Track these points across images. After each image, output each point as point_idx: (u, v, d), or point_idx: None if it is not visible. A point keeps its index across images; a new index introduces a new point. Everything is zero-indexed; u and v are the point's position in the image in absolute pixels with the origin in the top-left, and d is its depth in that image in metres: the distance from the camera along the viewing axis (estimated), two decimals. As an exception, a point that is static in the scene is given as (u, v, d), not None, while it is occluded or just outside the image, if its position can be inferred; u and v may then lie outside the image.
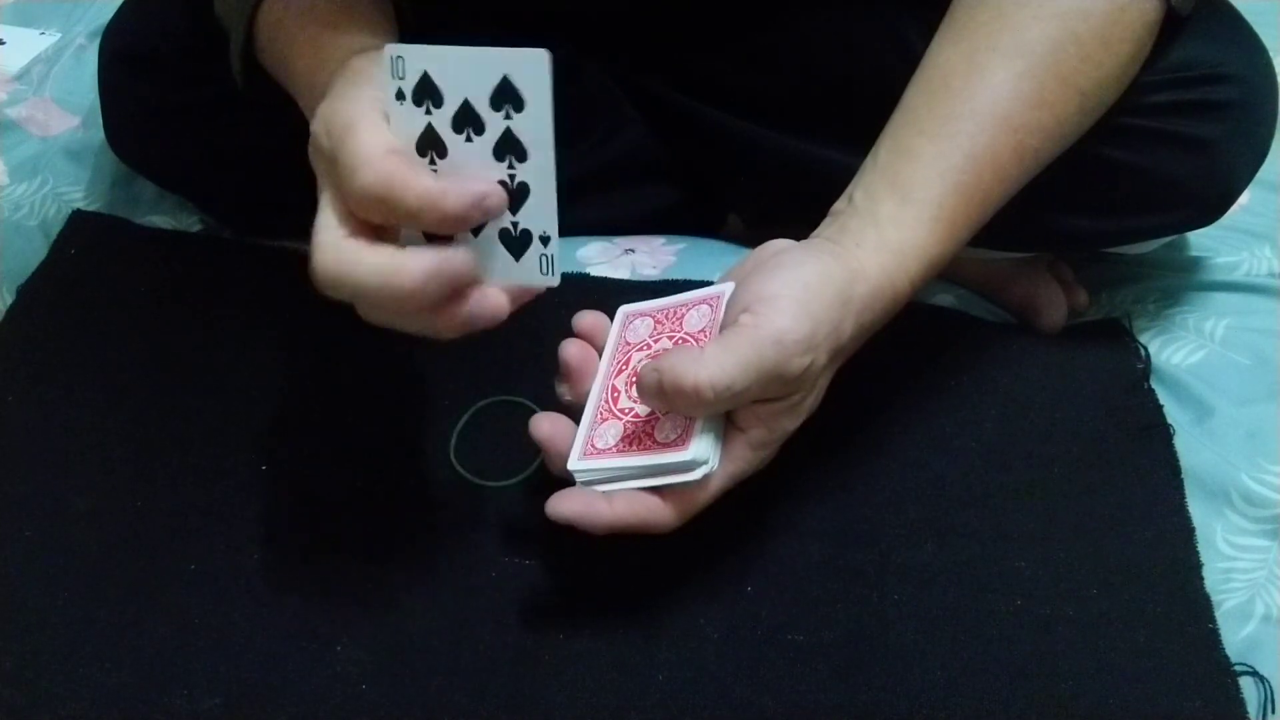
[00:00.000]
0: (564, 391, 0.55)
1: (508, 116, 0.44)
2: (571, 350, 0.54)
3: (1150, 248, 0.73)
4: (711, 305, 0.53)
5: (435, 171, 0.46)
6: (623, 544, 0.59)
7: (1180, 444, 0.64)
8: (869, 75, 0.58)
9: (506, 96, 0.44)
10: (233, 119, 0.69)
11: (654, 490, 0.49)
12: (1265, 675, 0.54)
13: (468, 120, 0.45)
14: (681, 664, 0.54)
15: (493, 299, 0.46)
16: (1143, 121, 0.60)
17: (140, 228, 0.76)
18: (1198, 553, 0.59)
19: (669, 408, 0.48)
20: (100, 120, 0.75)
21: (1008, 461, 0.63)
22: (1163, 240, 0.72)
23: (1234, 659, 0.55)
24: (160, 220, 0.78)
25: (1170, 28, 0.57)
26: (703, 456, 0.48)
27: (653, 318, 0.55)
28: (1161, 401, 0.66)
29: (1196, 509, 0.61)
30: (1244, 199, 0.82)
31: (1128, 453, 0.64)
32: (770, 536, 0.59)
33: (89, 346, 0.68)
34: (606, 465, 0.50)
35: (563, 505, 0.50)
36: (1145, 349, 0.70)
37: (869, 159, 0.54)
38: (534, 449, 0.63)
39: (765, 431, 0.50)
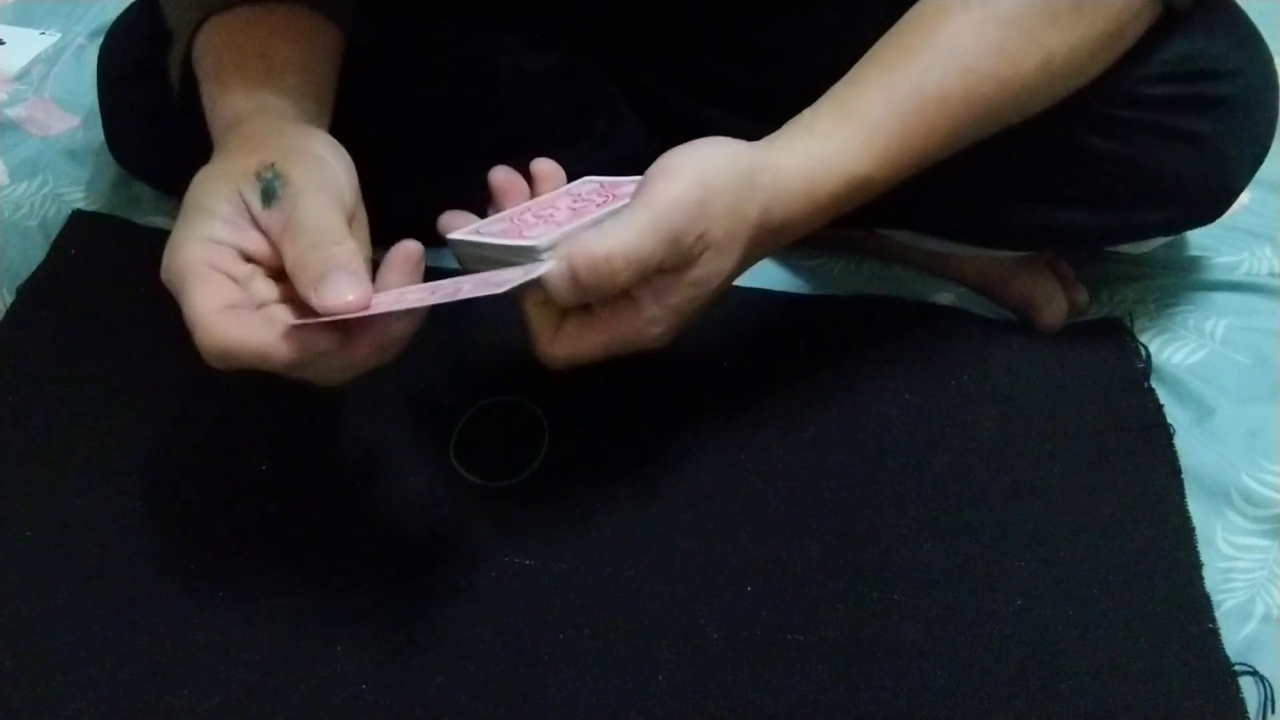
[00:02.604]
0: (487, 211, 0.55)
1: None
2: (498, 176, 0.55)
3: (1150, 246, 0.73)
4: (598, 182, 0.54)
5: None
6: (624, 544, 0.59)
7: (1180, 444, 0.64)
8: None
9: None
10: None
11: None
12: (1265, 675, 0.54)
13: None
14: (681, 664, 0.54)
15: (399, 329, 0.48)
16: (1139, 114, 0.60)
17: (140, 228, 0.76)
18: (1198, 553, 0.59)
19: (587, 297, 0.48)
20: (99, 120, 0.75)
21: (1008, 461, 0.63)
22: (1163, 239, 0.72)
23: (1234, 659, 0.55)
24: (160, 220, 0.77)
25: (1169, 23, 0.57)
26: (545, 245, 0.48)
27: (599, 183, 0.56)
28: (1162, 401, 0.67)
29: (1196, 509, 0.61)
30: (1244, 199, 0.82)
31: (1128, 452, 0.64)
32: (770, 536, 0.59)
33: (89, 346, 0.68)
34: (468, 239, 0.52)
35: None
36: (1146, 349, 0.70)
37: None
38: (534, 449, 0.63)
39: (655, 306, 0.50)
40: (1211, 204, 0.65)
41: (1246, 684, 0.54)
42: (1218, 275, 0.76)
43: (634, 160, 0.77)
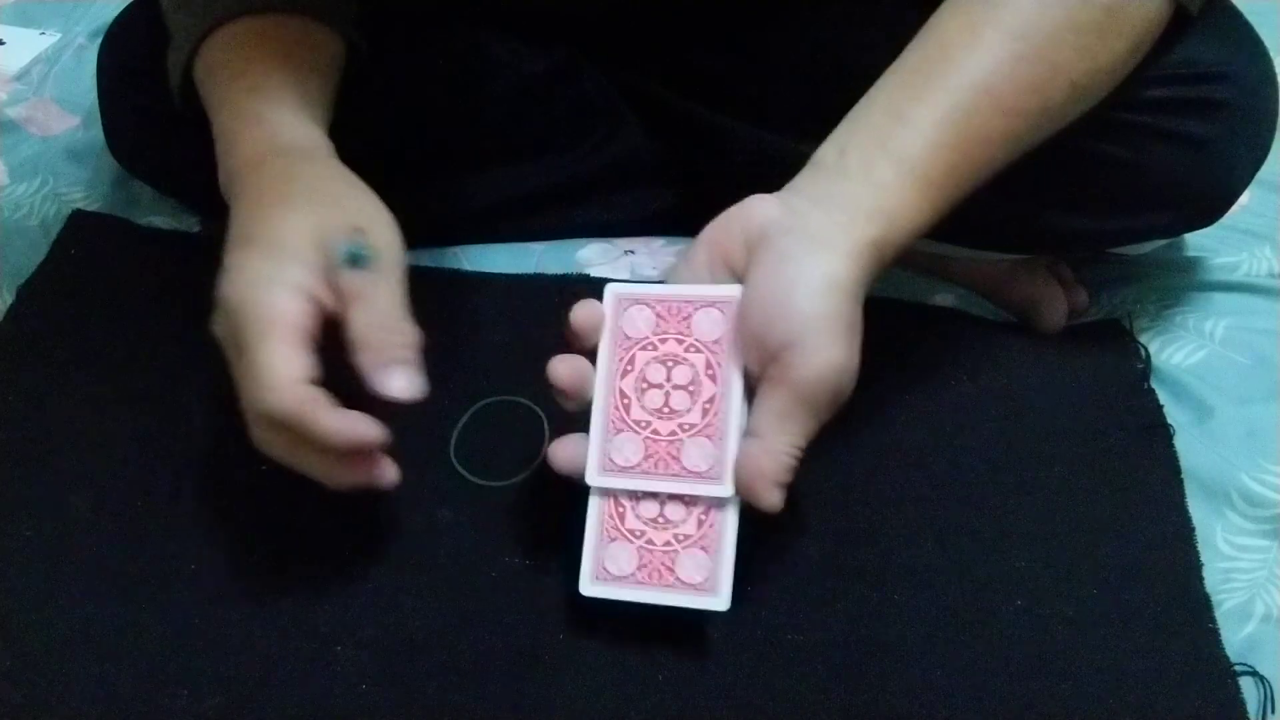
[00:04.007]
0: (567, 406, 0.54)
1: None
2: (561, 371, 0.52)
3: (1150, 248, 0.73)
4: (722, 311, 0.51)
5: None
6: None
7: (1180, 444, 0.64)
8: (869, 76, 0.58)
9: None
10: None
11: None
12: (1265, 675, 0.54)
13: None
14: (681, 664, 0.54)
15: (390, 474, 0.52)
16: (1139, 118, 0.60)
17: (140, 228, 0.76)
18: (1198, 553, 0.59)
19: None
20: (99, 120, 0.75)
21: (1008, 461, 0.63)
22: (1162, 241, 0.72)
23: (1234, 659, 0.55)
24: (160, 220, 0.78)
25: (1178, 28, 0.57)
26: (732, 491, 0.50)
27: (652, 309, 0.53)
28: (1162, 401, 0.66)
29: (1196, 509, 0.61)
30: (1244, 199, 0.82)
31: (1128, 453, 0.64)
32: (770, 536, 0.59)
33: (89, 346, 0.68)
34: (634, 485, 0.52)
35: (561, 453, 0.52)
36: (1145, 349, 0.70)
37: (860, 114, 0.53)
38: (534, 449, 0.63)
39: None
40: (1211, 207, 0.65)
41: (1246, 684, 0.54)
42: (1217, 275, 0.76)
43: (633, 162, 0.78)
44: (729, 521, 0.50)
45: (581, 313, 0.53)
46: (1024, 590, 0.57)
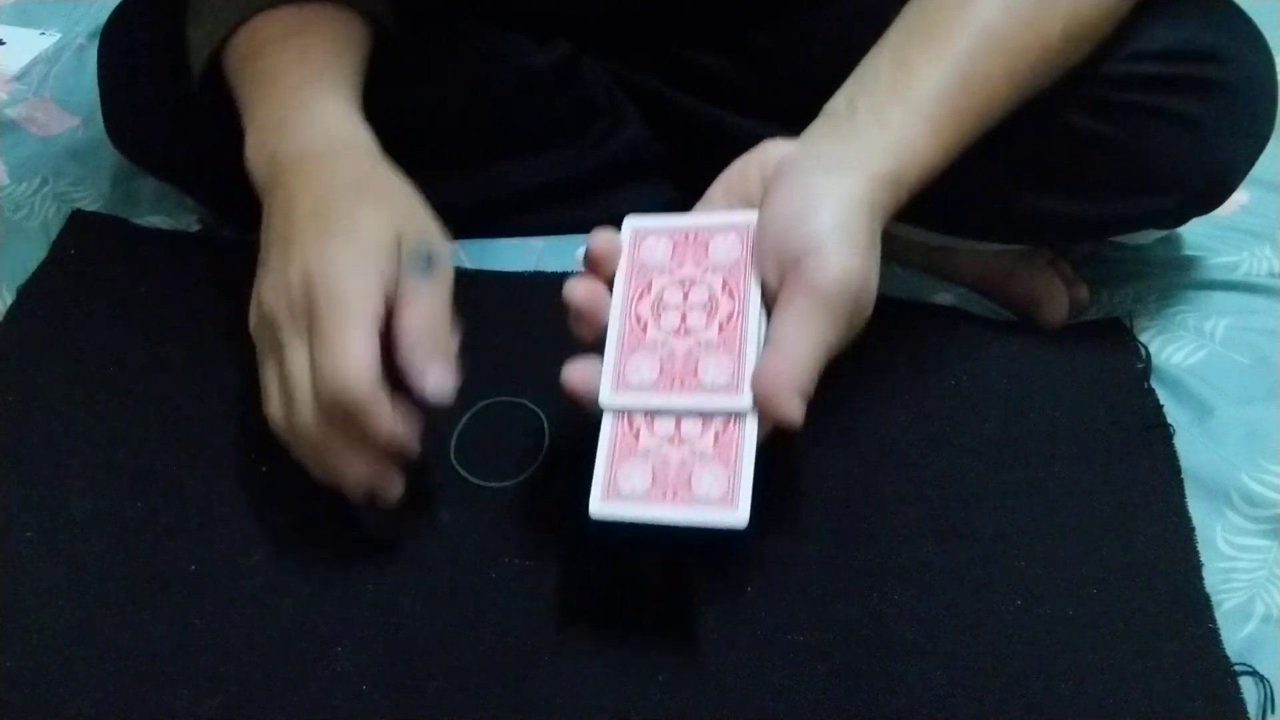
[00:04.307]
0: (581, 332, 0.52)
1: None
2: (578, 292, 0.51)
3: (1149, 238, 0.72)
4: (740, 235, 0.50)
5: None
6: (624, 544, 0.59)
7: (1180, 444, 0.64)
8: None
9: None
10: (231, 111, 0.70)
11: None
12: (1265, 675, 0.54)
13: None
14: (681, 664, 0.54)
15: (397, 488, 0.53)
16: (1131, 96, 0.60)
17: (140, 228, 0.76)
18: (1198, 553, 0.59)
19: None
20: (99, 120, 0.75)
21: (1008, 461, 0.63)
22: (1161, 233, 0.72)
23: (1234, 659, 0.55)
24: (160, 220, 0.78)
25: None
26: (750, 403, 0.47)
27: (670, 238, 0.52)
28: (1162, 401, 0.66)
29: (1196, 509, 0.61)
30: (1243, 199, 0.82)
31: (1128, 453, 0.64)
32: (770, 536, 0.59)
33: (89, 346, 0.68)
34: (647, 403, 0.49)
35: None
36: (1146, 348, 0.70)
37: (867, 66, 0.55)
38: (534, 449, 0.63)
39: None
40: (1208, 193, 0.64)
41: (1246, 684, 0.54)
42: (1217, 275, 0.76)
43: (635, 158, 0.78)
44: (748, 435, 0.47)
45: (599, 240, 0.53)
46: (1024, 590, 0.57)
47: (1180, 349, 0.70)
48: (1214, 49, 0.60)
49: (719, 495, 0.47)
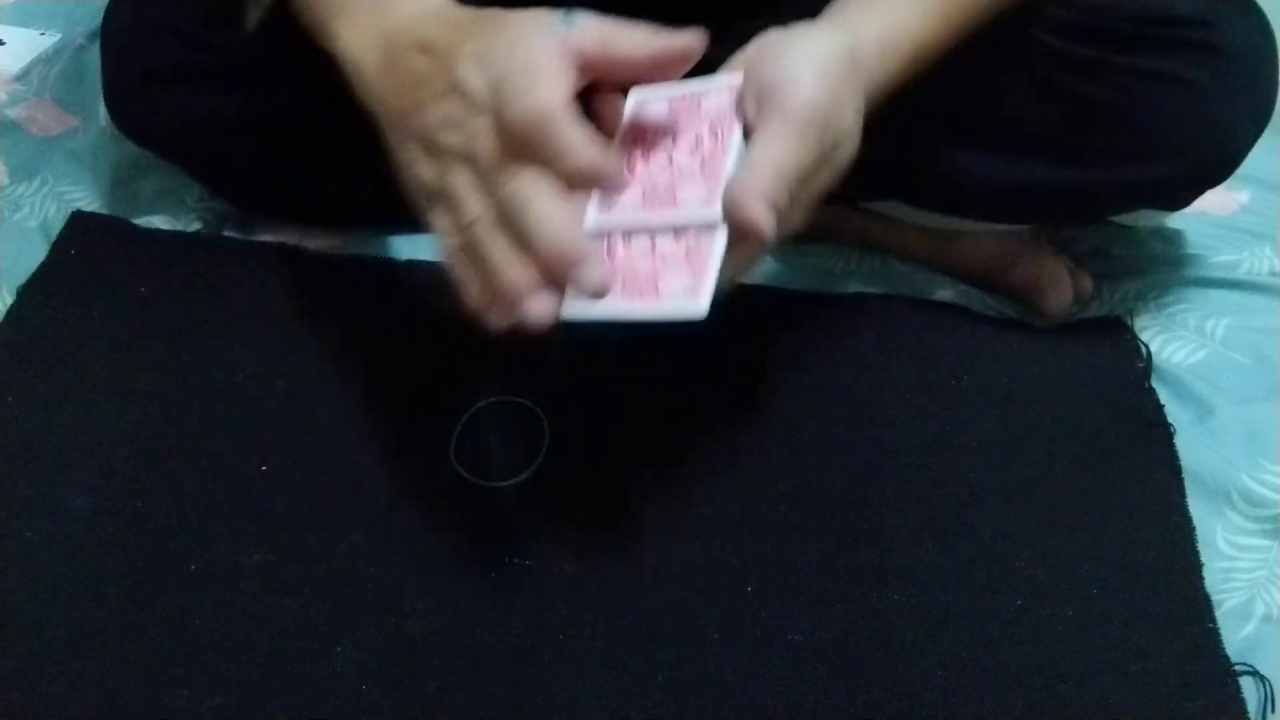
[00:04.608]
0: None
1: None
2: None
3: (1152, 220, 0.72)
4: (731, 91, 0.52)
5: None
6: (624, 544, 0.59)
7: (1181, 443, 0.64)
8: None
9: None
10: (233, 84, 0.70)
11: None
12: (1265, 675, 0.54)
13: None
14: (681, 664, 0.54)
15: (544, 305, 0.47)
16: (1124, 59, 0.60)
17: (140, 228, 0.76)
18: (1198, 553, 0.59)
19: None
20: (100, 120, 0.75)
21: (1008, 461, 0.63)
22: (1164, 215, 0.71)
23: (1234, 659, 0.55)
24: (160, 220, 0.77)
25: None
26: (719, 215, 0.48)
27: (668, 102, 0.54)
28: (1162, 401, 0.67)
29: (1197, 508, 0.61)
30: (1244, 198, 0.82)
31: (1128, 452, 0.64)
32: (770, 536, 0.59)
33: (89, 346, 0.68)
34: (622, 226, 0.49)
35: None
36: (1146, 347, 0.70)
37: None
38: (534, 449, 0.63)
39: (804, 194, 0.50)
40: (1212, 163, 0.64)
41: (1246, 684, 0.54)
42: (1218, 274, 0.76)
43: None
44: (716, 241, 0.48)
45: (606, 99, 0.53)
46: (1024, 590, 0.57)
47: (1181, 348, 0.70)
48: (1204, 14, 0.60)
49: (681, 291, 0.48)
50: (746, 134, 0.50)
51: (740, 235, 0.47)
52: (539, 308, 0.47)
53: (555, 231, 0.46)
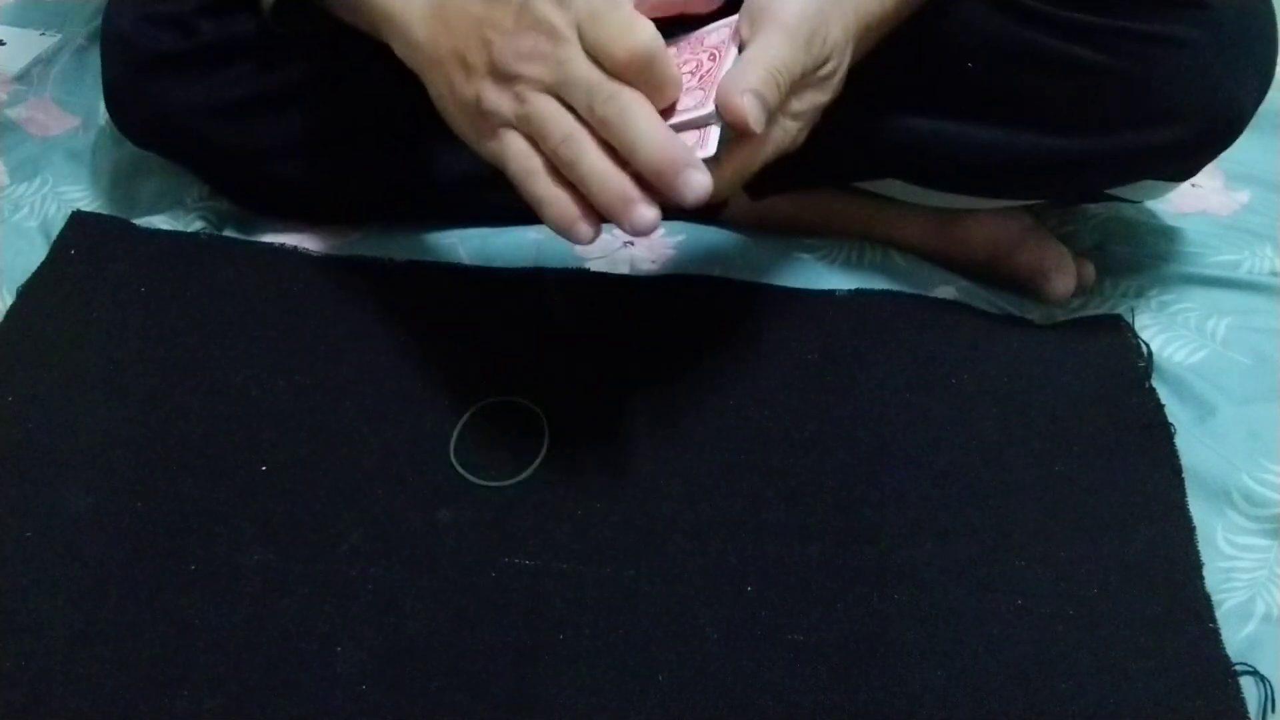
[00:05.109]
0: None
1: None
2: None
3: (1155, 192, 0.71)
4: (731, 26, 0.55)
5: None
6: (624, 544, 0.59)
7: (1181, 443, 0.64)
8: (866, 67, 0.58)
9: None
10: (232, 68, 0.70)
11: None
12: (1265, 675, 0.54)
13: None
14: (681, 664, 0.54)
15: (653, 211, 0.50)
16: (1118, 21, 0.60)
17: (140, 228, 0.76)
18: (1198, 552, 0.59)
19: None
20: (99, 120, 0.75)
21: (1008, 461, 0.63)
22: (1166, 187, 0.71)
23: (1234, 659, 0.55)
24: (160, 220, 0.77)
25: None
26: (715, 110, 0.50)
27: (677, 45, 0.56)
28: (1163, 400, 0.66)
29: (1197, 508, 0.61)
30: (1244, 198, 0.82)
31: (1128, 452, 0.64)
32: (770, 536, 0.59)
33: (89, 346, 0.68)
34: None
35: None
36: (1147, 346, 0.70)
37: None
38: (534, 449, 0.63)
39: (798, 104, 0.53)
40: (1214, 128, 0.63)
41: (1246, 684, 0.54)
42: (1219, 274, 0.76)
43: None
44: (712, 134, 0.51)
45: None
46: (1024, 590, 0.57)
47: (1181, 348, 0.70)
48: None
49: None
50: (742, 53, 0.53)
51: (733, 125, 0.50)
52: (650, 214, 0.49)
53: (663, 141, 0.48)
